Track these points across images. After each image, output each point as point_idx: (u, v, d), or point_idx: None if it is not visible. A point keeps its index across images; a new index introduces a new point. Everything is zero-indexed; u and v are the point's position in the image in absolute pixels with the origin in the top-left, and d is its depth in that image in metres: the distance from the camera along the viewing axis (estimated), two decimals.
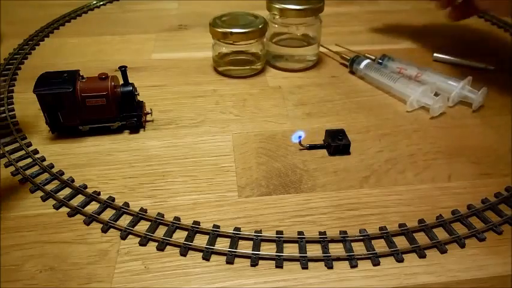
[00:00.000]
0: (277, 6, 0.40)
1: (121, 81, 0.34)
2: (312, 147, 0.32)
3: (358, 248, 0.25)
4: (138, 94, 0.34)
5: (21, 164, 0.31)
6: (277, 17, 0.41)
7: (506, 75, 0.41)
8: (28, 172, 0.30)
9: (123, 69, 0.33)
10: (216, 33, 0.39)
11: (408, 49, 0.46)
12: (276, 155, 0.32)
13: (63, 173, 0.30)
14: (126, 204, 0.28)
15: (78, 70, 0.33)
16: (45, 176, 0.30)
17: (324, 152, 0.32)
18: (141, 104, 0.35)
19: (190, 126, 0.35)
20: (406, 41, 0.48)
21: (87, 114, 0.32)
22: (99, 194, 0.28)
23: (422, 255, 0.24)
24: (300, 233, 0.26)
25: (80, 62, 0.44)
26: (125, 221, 0.27)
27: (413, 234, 0.26)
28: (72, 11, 0.55)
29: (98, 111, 0.32)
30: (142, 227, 0.26)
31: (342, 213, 0.27)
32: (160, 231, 0.26)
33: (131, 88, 0.33)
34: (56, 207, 0.27)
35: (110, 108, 0.32)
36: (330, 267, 0.24)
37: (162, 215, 0.27)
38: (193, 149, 0.32)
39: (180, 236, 0.26)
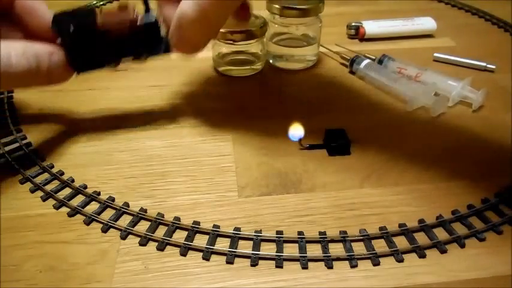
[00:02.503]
0: (277, 6, 0.40)
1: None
2: (312, 147, 0.32)
3: (358, 248, 0.25)
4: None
5: (20, 164, 0.31)
6: (277, 17, 0.41)
7: (506, 75, 0.41)
8: (28, 172, 0.30)
9: None
10: None
11: (408, 49, 0.46)
12: (276, 155, 0.32)
13: (63, 173, 0.30)
14: (126, 204, 0.28)
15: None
16: (45, 176, 0.30)
17: (324, 152, 0.32)
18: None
19: (190, 126, 0.35)
20: (406, 41, 0.48)
21: (111, 48, 0.30)
22: (99, 194, 0.28)
23: (422, 255, 0.25)
24: (300, 233, 0.26)
25: None
26: (124, 221, 0.27)
27: (413, 234, 0.26)
28: None
29: (122, 44, 0.30)
30: (142, 227, 0.26)
31: (342, 213, 0.27)
32: (160, 231, 0.26)
33: (154, 16, 0.31)
34: (56, 207, 0.27)
35: (133, 39, 0.30)
36: (330, 267, 0.24)
37: (162, 215, 0.27)
38: (193, 149, 0.32)
39: (180, 236, 0.26)
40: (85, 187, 0.29)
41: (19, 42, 0.27)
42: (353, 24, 0.49)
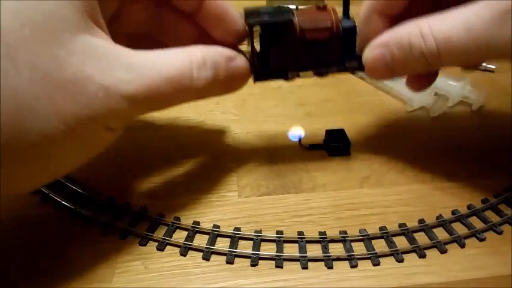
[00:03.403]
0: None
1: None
2: (312, 147, 0.32)
3: (358, 248, 0.25)
4: None
5: None
6: None
7: (506, 75, 0.41)
8: None
9: None
10: None
11: None
12: (276, 155, 0.32)
13: None
14: (126, 204, 0.28)
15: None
16: None
17: (324, 152, 0.32)
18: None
19: (190, 126, 0.35)
20: None
21: (303, 54, 0.27)
22: (99, 193, 0.28)
23: (422, 255, 0.24)
24: (300, 233, 0.26)
25: None
26: (125, 220, 0.27)
27: (413, 234, 0.26)
28: None
29: (316, 51, 0.27)
30: (142, 227, 0.26)
31: (341, 213, 0.27)
32: (160, 231, 0.26)
33: (354, 23, 0.27)
34: (56, 207, 0.27)
35: (330, 46, 0.27)
36: (330, 267, 0.24)
37: (162, 215, 0.27)
38: (193, 149, 0.32)
39: (180, 236, 0.26)
40: (85, 187, 0.29)
41: (198, 48, 0.24)
42: None
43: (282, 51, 0.27)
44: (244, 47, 0.28)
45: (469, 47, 0.23)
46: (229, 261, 0.24)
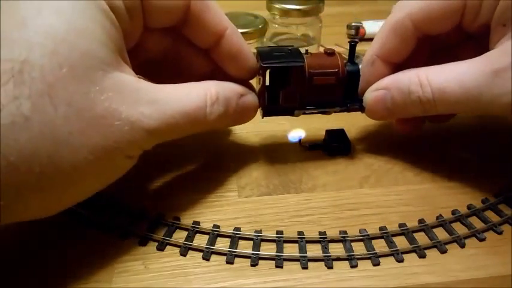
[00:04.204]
0: (277, 6, 0.40)
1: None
2: (312, 147, 0.32)
3: (358, 248, 0.25)
4: None
5: None
6: (277, 17, 0.41)
7: None
8: None
9: (353, 44, 0.29)
10: None
11: None
12: (276, 155, 0.32)
13: None
14: (126, 204, 0.28)
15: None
16: None
17: (324, 152, 0.32)
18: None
19: None
20: None
21: (310, 95, 0.29)
22: (99, 193, 0.28)
23: (422, 255, 0.24)
24: (300, 233, 0.26)
25: None
26: (124, 220, 0.27)
27: (413, 234, 0.26)
28: None
29: (322, 92, 0.29)
30: (142, 227, 0.26)
31: (341, 213, 0.27)
32: (160, 231, 0.26)
33: (358, 68, 0.29)
34: None
35: (335, 89, 0.29)
36: (330, 267, 0.24)
37: (162, 215, 0.27)
38: (193, 149, 0.32)
39: (180, 236, 0.26)
40: None
41: (212, 84, 0.26)
42: (353, 24, 0.49)
43: (291, 91, 0.28)
44: (255, 80, 0.29)
45: (461, 99, 0.25)
46: (229, 261, 0.24)
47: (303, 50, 0.29)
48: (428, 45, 0.30)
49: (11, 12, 0.20)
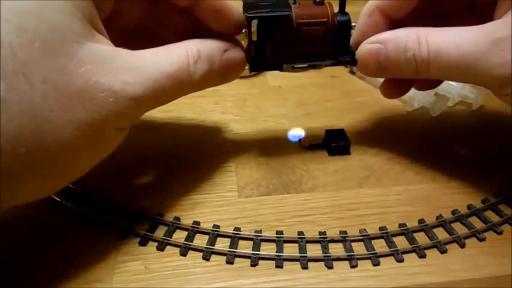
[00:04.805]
0: None
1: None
2: (312, 147, 0.32)
3: (358, 248, 0.25)
4: None
5: None
6: None
7: None
8: None
9: None
10: None
11: None
12: (276, 155, 0.32)
13: None
14: (126, 204, 0.28)
15: None
16: None
17: (324, 152, 0.32)
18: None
19: (190, 126, 0.35)
20: None
21: (298, 47, 0.28)
22: (99, 193, 0.28)
23: (422, 255, 0.25)
24: (300, 233, 0.26)
25: None
26: (124, 221, 0.27)
27: (413, 234, 0.26)
28: None
29: (311, 44, 0.28)
30: (142, 227, 0.26)
31: (341, 213, 0.27)
32: (160, 231, 0.26)
33: (349, 18, 0.28)
34: (56, 207, 0.27)
35: (325, 40, 0.28)
36: (330, 267, 0.24)
37: (162, 215, 0.27)
38: (193, 149, 0.32)
39: (180, 236, 0.26)
40: (84, 186, 0.29)
41: (193, 43, 0.25)
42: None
43: (278, 43, 0.27)
44: (242, 36, 0.28)
45: (456, 64, 0.24)
46: (229, 261, 0.24)
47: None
48: (431, 8, 0.29)
49: None
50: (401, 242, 0.25)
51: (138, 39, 0.26)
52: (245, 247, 0.25)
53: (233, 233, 0.26)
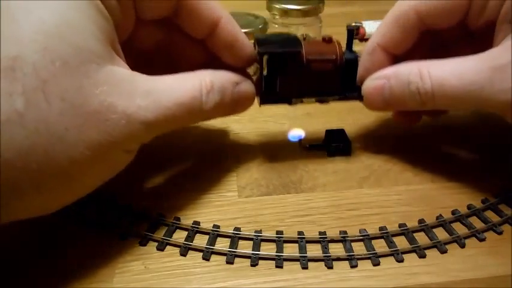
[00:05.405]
0: (277, 6, 0.40)
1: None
2: (312, 147, 0.32)
3: (358, 248, 0.25)
4: None
5: None
6: (277, 17, 0.41)
7: None
8: None
9: (351, 30, 0.29)
10: None
11: None
12: (276, 155, 0.32)
13: None
14: (126, 204, 0.28)
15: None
16: None
17: (324, 152, 0.32)
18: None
19: (190, 127, 0.35)
20: None
21: (307, 82, 0.28)
22: (99, 194, 0.28)
23: (422, 255, 0.24)
24: (300, 233, 0.26)
25: None
26: (125, 221, 0.27)
27: (413, 234, 0.26)
28: None
29: (320, 80, 0.29)
30: (143, 227, 0.26)
31: (342, 213, 0.27)
32: (160, 231, 0.26)
33: (356, 56, 0.29)
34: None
35: (333, 76, 0.29)
36: (330, 267, 0.24)
37: (162, 215, 0.27)
38: (193, 149, 0.32)
39: (180, 236, 0.26)
40: None
41: (206, 73, 0.26)
42: (353, 24, 0.49)
43: (288, 78, 0.28)
44: (252, 69, 0.29)
45: (460, 94, 0.25)
46: (229, 261, 0.24)
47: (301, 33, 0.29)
48: (429, 40, 0.29)
49: (2, 9, 0.20)
50: (401, 242, 0.25)
51: (152, 64, 0.27)
52: (245, 247, 0.25)
53: (233, 233, 0.26)
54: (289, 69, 0.28)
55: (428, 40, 0.29)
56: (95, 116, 0.21)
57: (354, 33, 0.29)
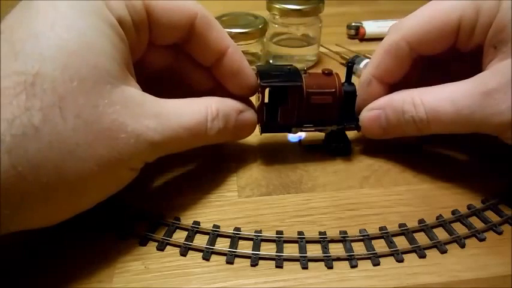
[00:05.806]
0: (277, 6, 0.40)
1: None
2: (312, 147, 0.32)
3: (358, 248, 0.25)
4: None
5: None
6: (277, 17, 0.41)
7: None
8: None
9: (350, 65, 0.30)
10: None
11: None
12: (276, 155, 0.32)
13: None
14: (126, 204, 0.28)
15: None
16: None
17: (324, 152, 0.32)
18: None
19: None
20: None
21: (307, 113, 0.29)
22: None
23: (422, 255, 0.25)
24: (300, 233, 0.26)
25: None
26: (125, 221, 0.27)
27: (413, 234, 0.26)
28: None
29: (319, 111, 0.29)
30: (143, 227, 0.26)
31: (342, 213, 0.27)
32: (160, 231, 0.26)
33: (355, 88, 0.30)
34: None
35: (332, 108, 0.30)
36: (330, 267, 0.24)
37: (162, 215, 0.27)
38: (193, 149, 0.32)
39: (180, 236, 0.26)
40: None
41: (213, 100, 0.27)
42: (353, 24, 0.49)
43: (289, 109, 0.29)
44: (254, 97, 0.30)
45: (454, 119, 0.26)
46: (229, 261, 0.24)
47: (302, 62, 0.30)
48: (423, 62, 0.30)
49: (24, 26, 0.21)
50: (401, 242, 0.25)
51: (161, 85, 0.28)
52: (245, 247, 0.25)
53: (233, 233, 0.26)
54: (290, 102, 0.29)
55: (421, 62, 0.30)
56: (105, 133, 0.21)
57: (353, 67, 0.31)
